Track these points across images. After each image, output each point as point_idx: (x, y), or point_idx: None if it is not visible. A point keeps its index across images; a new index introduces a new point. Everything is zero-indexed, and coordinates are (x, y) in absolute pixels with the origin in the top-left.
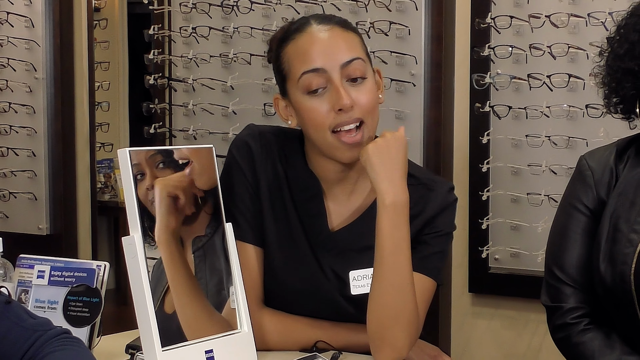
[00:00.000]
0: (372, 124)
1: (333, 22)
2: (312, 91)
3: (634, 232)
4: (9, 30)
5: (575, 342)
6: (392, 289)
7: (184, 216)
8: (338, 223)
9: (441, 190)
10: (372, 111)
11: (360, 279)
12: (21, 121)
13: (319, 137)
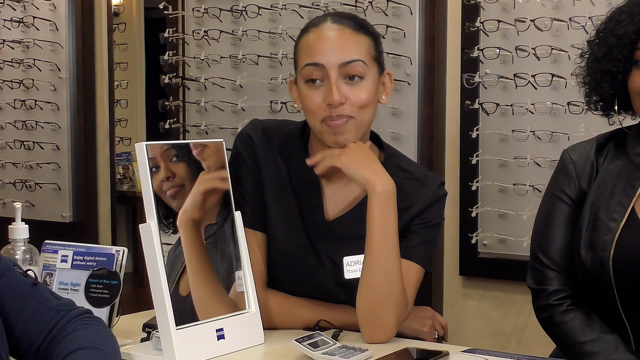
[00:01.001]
0: (363, 120)
1: (346, 22)
2: (311, 81)
3: (613, 220)
4: (35, 33)
5: (558, 321)
6: (381, 272)
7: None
8: (335, 213)
9: (432, 184)
10: (364, 109)
11: (353, 264)
12: (46, 117)
13: (312, 122)
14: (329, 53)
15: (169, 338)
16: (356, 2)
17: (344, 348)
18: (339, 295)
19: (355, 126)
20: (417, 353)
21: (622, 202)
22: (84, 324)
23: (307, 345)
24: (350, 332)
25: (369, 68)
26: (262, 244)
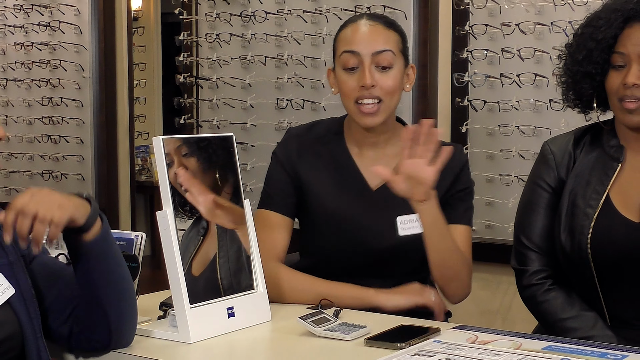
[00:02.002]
0: (390, 104)
1: (380, 20)
2: (348, 68)
3: (590, 207)
4: (61, 36)
5: (540, 300)
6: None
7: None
8: (377, 182)
9: (457, 149)
10: (392, 94)
11: (406, 222)
12: (71, 113)
13: (347, 104)
14: (364, 43)
15: (183, 316)
16: (355, 8)
17: (344, 325)
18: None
19: (383, 109)
20: (410, 329)
21: (597, 190)
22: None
23: (310, 322)
24: (350, 310)
25: (397, 59)
26: (280, 223)
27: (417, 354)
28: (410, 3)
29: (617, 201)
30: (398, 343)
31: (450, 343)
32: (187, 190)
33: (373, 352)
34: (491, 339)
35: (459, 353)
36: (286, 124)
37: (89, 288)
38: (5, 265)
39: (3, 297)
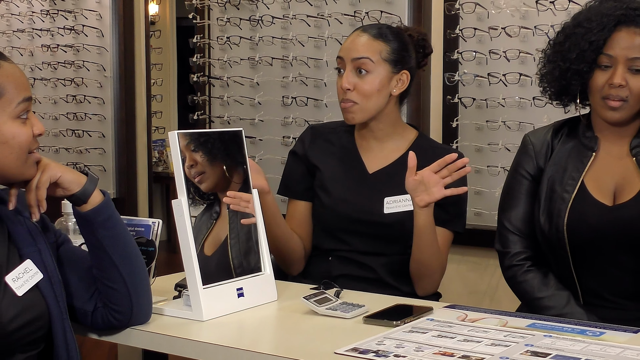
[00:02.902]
0: (366, 105)
1: (370, 31)
2: (337, 69)
3: (566, 192)
4: (84, 39)
5: (520, 280)
6: (427, 255)
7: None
8: (374, 168)
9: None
10: (368, 96)
11: (391, 202)
12: (94, 109)
13: (339, 102)
14: (348, 50)
15: (197, 296)
16: (355, 13)
17: (344, 304)
18: (374, 230)
19: (359, 110)
20: (405, 308)
21: (573, 176)
22: None
23: (313, 302)
24: (350, 291)
25: (377, 66)
26: (297, 210)
27: (412, 330)
28: (405, 8)
29: (591, 187)
30: (394, 321)
31: (442, 321)
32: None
33: (371, 329)
34: (479, 317)
35: (450, 330)
36: (291, 120)
37: (104, 258)
38: (35, 252)
39: (32, 281)
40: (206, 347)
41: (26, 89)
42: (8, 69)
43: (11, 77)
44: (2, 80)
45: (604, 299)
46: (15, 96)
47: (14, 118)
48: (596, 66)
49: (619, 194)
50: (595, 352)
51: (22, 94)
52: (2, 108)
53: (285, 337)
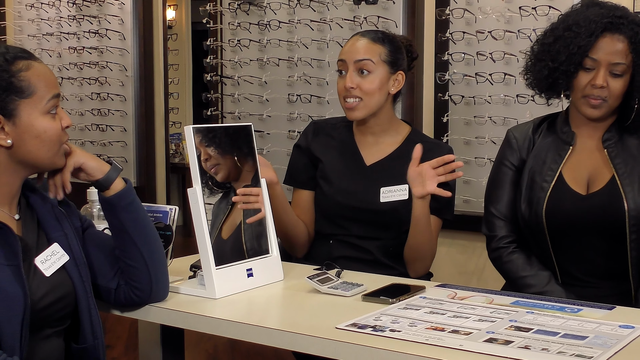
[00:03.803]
0: (370, 102)
1: (368, 35)
2: (339, 71)
3: (545, 182)
4: (108, 42)
5: (505, 260)
6: (422, 241)
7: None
8: (371, 161)
9: (445, 147)
10: (371, 94)
11: (387, 192)
12: (116, 106)
13: (340, 101)
14: (350, 53)
15: (210, 276)
16: (354, 18)
17: (345, 283)
18: (369, 217)
19: (362, 106)
20: (400, 287)
21: (552, 168)
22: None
23: (316, 281)
24: (350, 271)
25: (377, 67)
26: (301, 198)
27: (406, 307)
28: (400, 14)
29: (568, 177)
30: (390, 298)
31: (434, 299)
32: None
33: (369, 306)
34: (468, 295)
35: (441, 307)
36: (296, 115)
37: (126, 239)
38: (61, 236)
39: (59, 263)
40: (218, 322)
41: (55, 87)
42: (38, 69)
43: (41, 76)
44: (33, 79)
45: (579, 279)
46: (46, 94)
47: (44, 114)
48: (581, 67)
49: (591, 184)
50: (573, 327)
51: (51, 91)
52: (34, 105)
53: (290, 314)
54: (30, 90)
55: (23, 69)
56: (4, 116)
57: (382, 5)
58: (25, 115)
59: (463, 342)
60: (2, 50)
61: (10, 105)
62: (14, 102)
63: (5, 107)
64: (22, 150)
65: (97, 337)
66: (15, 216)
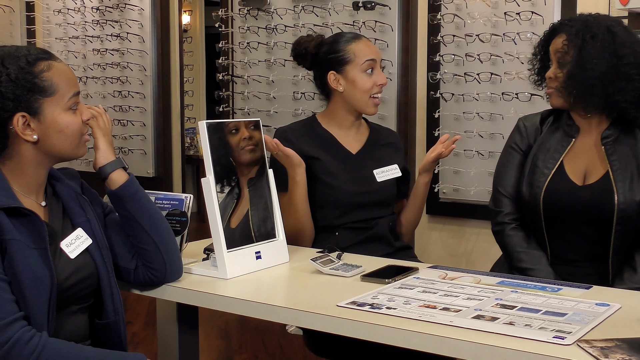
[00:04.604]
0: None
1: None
2: (369, 71)
3: (547, 168)
4: (128, 44)
5: (506, 234)
6: (418, 214)
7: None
8: (356, 149)
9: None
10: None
11: (381, 172)
12: (136, 103)
13: (363, 98)
14: (376, 53)
15: (222, 258)
16: (353, 22)
17: (345, 265)
18: (363, 197)
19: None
20: (396, 268)
21: (554, 157)
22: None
23: (319, 263)
24: (350, 254)
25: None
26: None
27: (401, 287)
28: (395, 18)
29: (568, 168)
30: (386, 279)
31: (426, 279)
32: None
33: (367, 286)
34: (457, 276)
35: (433, 286)
36: (300, 111)
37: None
38: (85, 222)
39: (83, 246)
40: (230, 300)
41: (75, 85)
42: (59, 68)
43: (62, 75)
44: (55, 79)
45: (566, 259)
46: (67, 92)
47: (66, 110)
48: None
49: (587, 176)
50: (553, 304)
51: (72, 89)
52: (57, 102)
53: (295, 293)
54: (52, 89)
55: (45, 70)
56: (29, 114)
57: (379, 11)
58: (49, 112)
59: (453, 319)
60: (24, 52)
61: (34, 104)
62: (38, 101)
63: (30, 106)
64: (47, 144)
65: (118, 314)
66: (42, 203)
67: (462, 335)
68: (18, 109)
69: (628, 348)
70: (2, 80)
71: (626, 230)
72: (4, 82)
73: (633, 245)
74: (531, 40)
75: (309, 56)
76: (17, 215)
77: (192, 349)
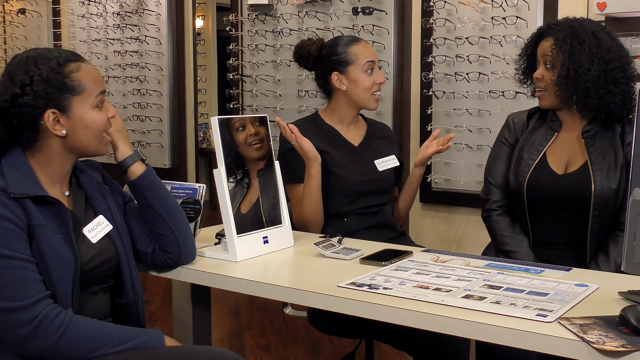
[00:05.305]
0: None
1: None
2: (369, 71)
3: (531, 159)
4: (147, 46)
5: (493, 219)
6: (412, 199)
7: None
8: (357, 142)
9: (389, 128)
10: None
11: (381, 162)
12: (153, 100)
13: (365, 95)
14: (374, 55)
15: (232, 242)
16: (353, 27)
17: (345, 249)
18: (369, 185)
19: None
20: (392, 252)
21: (538, 149)
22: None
23: (321, 247)
24: (350, 239)
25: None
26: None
27: (397, 269)
28: (391, 23)
29: (550, 159)
30: (383, 262)
31: (420, 262)
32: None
33: (365, 268)
34: (448, 259)
35: (426, 268)
36: (304, 108)
37: (153, 213)
38: (106, 209)
39: (104, 231)
40: (239, 281)
41: (101, 84)
42: (87, 69)
43: (90, 75)
44: (84, 79)
45: (547, 242)
46: (94, 90)
47: (93, 108)
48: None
49: (568, 166)
50: (536, 285)
51: (99, 88)
52: (84, 100)
53: (299, 274)
54: (81, 88)
55: (74, 70)
56: (59, 111)
57: (376, 16)
58: (77, 109)
59: (444, 298)
60: (55, 54)
61: (64, 102)
62: (67, 99)
63: (60, 103)
64: (74, 139)
65: (137, 294)
66: (66, 193)
67: (453, 313)
68: (49, 106)
69: (605, 325)
70: (35, 79)
71: (603, 216)
72: (37, 81)
73: (609, 231)
74: (516, 42)
75: (310, 58)
76: (43, 203)
77: (204, 325)
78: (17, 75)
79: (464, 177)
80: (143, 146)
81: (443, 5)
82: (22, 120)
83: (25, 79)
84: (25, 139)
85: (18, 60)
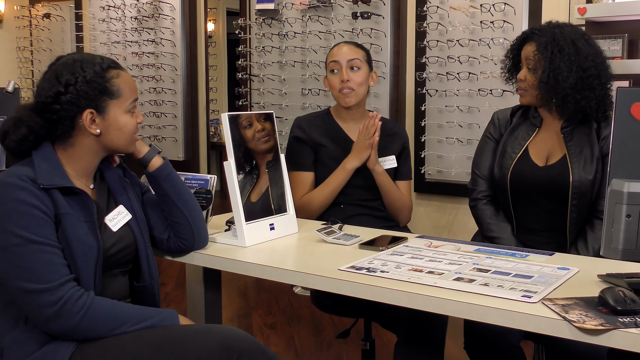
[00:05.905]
0: (360, 92)
1: (351, 42)
2: (332, 71)
3: (514, 152)
4: (162, 48)
5: (479, 208)
6: (393, 198)
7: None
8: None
9: (402, 126)
10: (360, 85)
11: (382, 161)
12: (168, 98)
13: (334, 93)
14: (342, 55)
15: (241, 229)
16: (352, 30)
17: (345, 235)
18: (361, 180)
19: (354, 95)
20: (388, 238)
21: (521, 143)
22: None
23: (323, 233)
24: (350, 226)
25: (363, 64)
26: (307, 179)
27: (393, 254)
28: (388, 26)
29: (532, 152)
30: (380, 247)
31: (414, 247)
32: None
33: (364, 252)
34: (441, 244)
35: (420, 253)
36: (307, 105)
37: (169, 202)
38: (126, 200)
39: (123, 220)
40: (248, 265)
41: (136, 92)
42: (125, 77)
43: (127, 83)
44: (122, 85)
45: (530, 229)
46: (129, 97)
47: (126, 112)
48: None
49: (549, 159)
50: (522, 268)
51: (133, 95)
52: (120, 105)
53: (303, 258)
54: (118, 93)
55: (114, 77)
56: (97, 111)
57: (374, 20)
58: (113, 112)
59: (437, 280)
60: (99, 60)
61: (102, 104)
62: (105, 101)
63: (98, 105)
64: (106, 138)
65: (153, 277)
66: (90, 186)
67: (445, 295)
68: (88, 106)
69: (585, 305)
70: (79, 80)
71: (581, 205)
72: (81, 82)
73: (587, 219)
74: (503, 44)
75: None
76: (69, 194)
77: (215, 306)
78: (64, 75)
79: (455, 169)
80: (159, 140)
81: (436, 10)
82: (60, 117)
83: (71, 79)
84: (59, 133)
85: (64, 61)
